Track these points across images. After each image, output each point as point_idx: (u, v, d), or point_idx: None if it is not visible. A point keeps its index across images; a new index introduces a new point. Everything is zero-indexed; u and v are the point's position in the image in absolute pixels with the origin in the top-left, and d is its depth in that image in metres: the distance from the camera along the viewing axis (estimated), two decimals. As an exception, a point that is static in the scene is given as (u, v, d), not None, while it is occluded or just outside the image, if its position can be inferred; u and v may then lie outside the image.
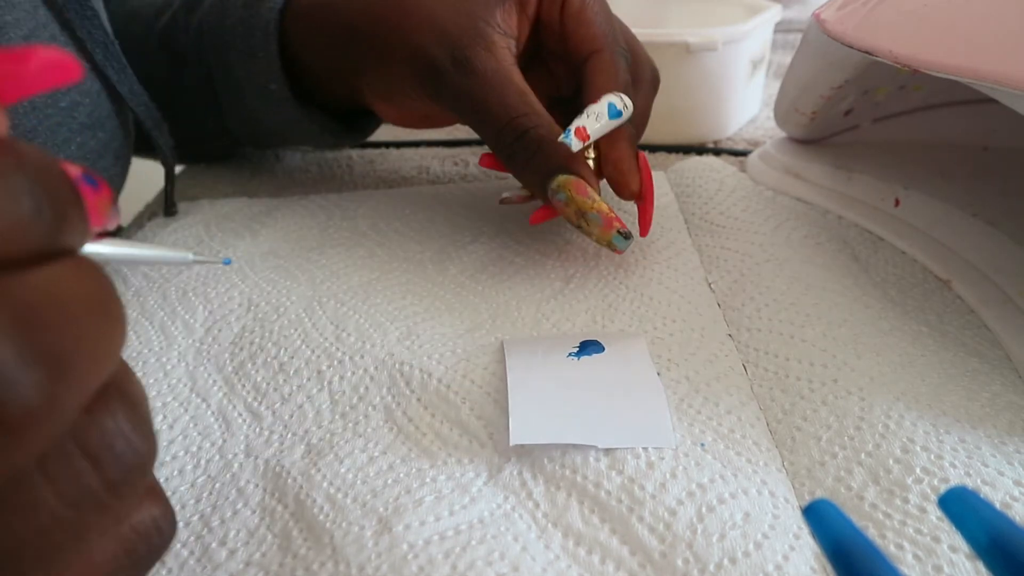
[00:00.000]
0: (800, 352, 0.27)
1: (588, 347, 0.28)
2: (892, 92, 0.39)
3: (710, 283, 0.32)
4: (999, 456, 0.22)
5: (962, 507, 0.13)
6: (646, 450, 0.23)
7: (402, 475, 0.23)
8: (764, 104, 0.54)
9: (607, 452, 0.23)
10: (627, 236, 0.30)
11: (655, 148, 0.48)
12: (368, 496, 0.23)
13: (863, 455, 0.23)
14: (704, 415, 0.25)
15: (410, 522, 0.21)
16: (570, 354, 0.27)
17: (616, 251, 0.30)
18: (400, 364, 0.28)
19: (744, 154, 0.46)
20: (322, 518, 0.22)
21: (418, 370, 0.27)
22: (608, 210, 0.30)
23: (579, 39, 0.34)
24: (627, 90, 0.33)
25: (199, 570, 0.21)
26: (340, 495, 0.23)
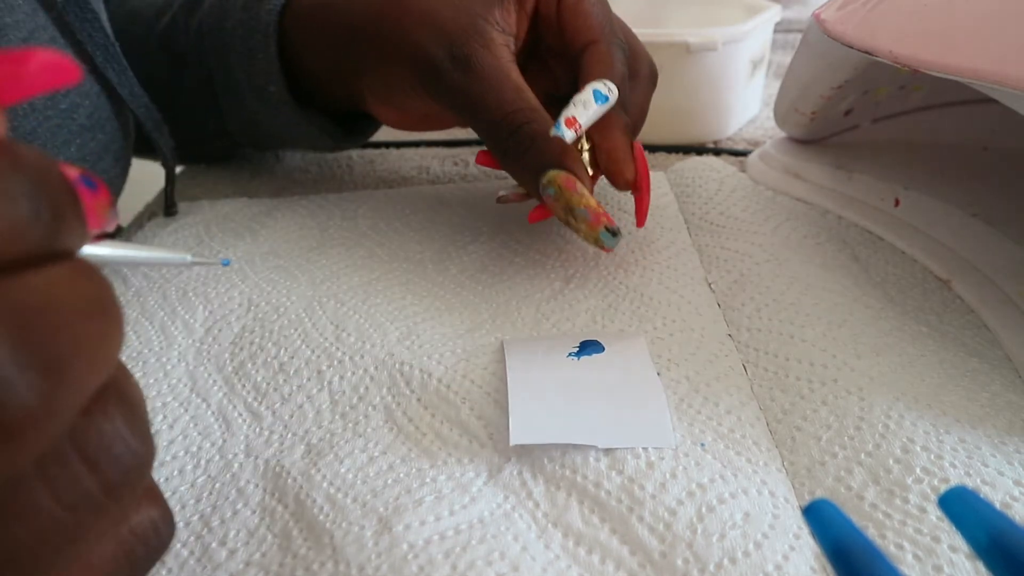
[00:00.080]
0: (800, 352, 0.27)
1: (588, 347, 0.28)
2: (892, 92, 0.39)
3: (710, 283, 0.32)
4: (999, 456, 0.22)
5: (962, 507, 0.13)
6: (646, 450, 0.23)
7: (402, 475, 0.23)
8: (764, 104, 0.54)
9: (607, 452, 0.23)
10: (615, 233, 0.29)
11: (655, 148, 0.48)
12: (368, 496, 0.23)
13: (863, 455, 0.23)
14: (704, 415, 0.25)
15: (410, 522, 0.21)
16: (570, 354, 0.27)
17: (604, 249, 0.30)
18: (400, 364, 0.28)
19: (744, 154, 0.46)
20: (322, 518, 0.22)
21: (418, 370, 0.27)
22: (596, 206, 0.29)
23: (575, 30, 0.34)
24: (624, 81, 0.33)
25: (199, 570, 0.21)
26: (340, 495, 0.23)
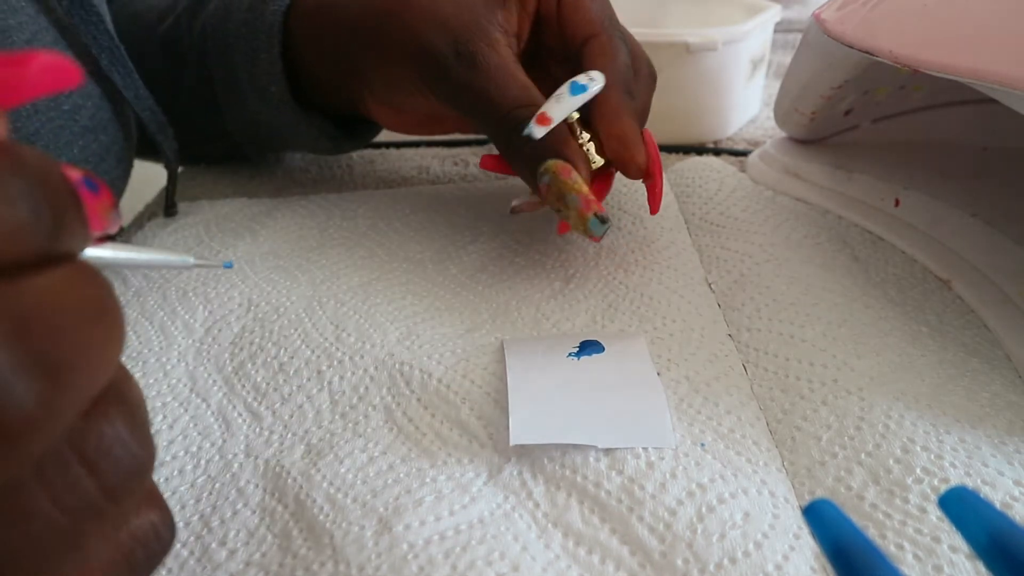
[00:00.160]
0: (800, 352, 0.27)
1: (588, 347, 0.28)
2: (892, 92, 0.39)
3: (710, 283, 0.32)
4: (999, 456, 0.22)
5: (962, 507, 0.13)
6: (646, 450, 0.23)
7: (402, 475, 0.23)
8: (764, 104, 0.54)
9: (607, 452, 0.23)
10: (604, 221, 0.29)
11: (655, 148, 0.48)
12: (368, 496, 0.23)
13: (863, 455, 0.23)
14: (704, 415, 0.25)
15: (410, 522, 0.21)
16: (570, 354, 0.27)
17: (593, 237, 0.29)
18: (400, 364, 0.28)
19: (744, 154, 0.46)
20: (322, 518, 0.22)
21: (418, 370, 0.27)
22: (588, 193, 0.29)
23: (575, 25, 0.34)
24: (628, 69, 0.33)
25: (199, 570, 0.21)
26: (340, 495, 0.23)
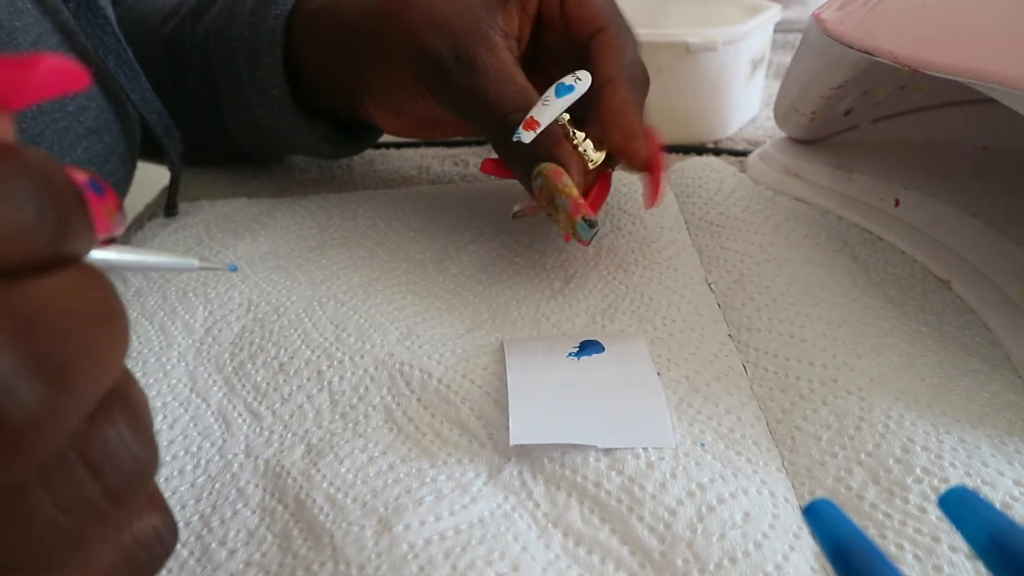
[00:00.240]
0: (800, 352, 0.27)
1: (588, 347, 0.28)
2: (892, 92, 0.39)
3: (710, 283, 0.32)
4: (999, 456, 0.22)
5: (962, 507, 0.13)
6: (646, 450, 0.23)
7: (402, 475, 0.23)
8: (764, 104, 0.54)
9: (607, 452, 0.23)
10: (592, 225, 0.29)
11: (655, 148, 0.48)
12: (368, 496, 0.23)
13: (863, 455, 0.23)
14: (704, 415, 0.25)
15: (410, 522, 0.21)
16: (570, 354, 0.27)
17: (581, 241, 0.29)
18: (400, 364, 0.28)
19: (744, 154, 0.46)
20: (322, 518, 0.22)
21: (418, 370, 0.27)
22: (577, 197, 0.29)
23: (581, 21, 0.33)
24: (635, 62, 0.32)
25: (199, 570, 0.21)
26: (340, 495, 0.23)
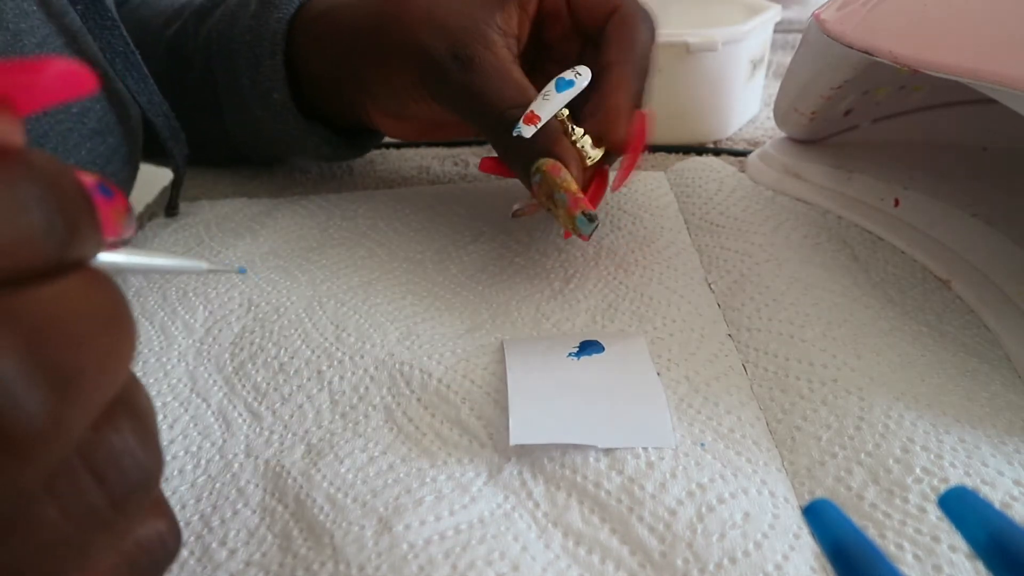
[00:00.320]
0: (800, 352, 0.27)
1: (588, 347, 0.28)
2: (892, 92, 0.39)
3: (710, 283, 0.32)
4: (999, 456, 0.22)
5: (962, 507, 0.13)
6: (646, 450, 0.23)
7: (402, 475, 0.23)
8: (764, 104, 0.54)
9: (607, 452, 0.23)
10: (592, 219, 0.29)
11: (655, 148, 0.48)
12: (368, 496, 0.23)
13: (863, 455, 0.23)
14: (704, 415, 0.25)
15: (410, 522, 0.21)
16: (570, 354, 0.27)
17: (581, 236, 0.30)
18: (400, 364, 0.28)
19: (744, 154, 0.46)
20: (322, 518, 0.22)
21: (418, 370, 0.27)
22: (576, 191, 0.29)
23: (591, 6, 0.33)
24: (645, 51, 0.32)
25: (199, 570, 0.21)
26: (340, 495, 0.23)
